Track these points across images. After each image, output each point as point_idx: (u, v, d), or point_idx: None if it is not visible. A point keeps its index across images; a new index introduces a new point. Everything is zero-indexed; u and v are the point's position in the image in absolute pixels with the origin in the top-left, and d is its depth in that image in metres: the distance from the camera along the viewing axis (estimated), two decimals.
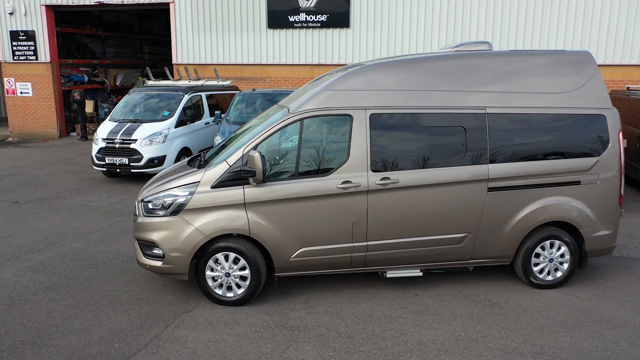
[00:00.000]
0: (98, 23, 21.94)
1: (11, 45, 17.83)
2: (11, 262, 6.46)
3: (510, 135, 5.47)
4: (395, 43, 15.14)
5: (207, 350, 4.44)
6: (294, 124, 5.22)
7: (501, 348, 4.53)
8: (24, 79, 18.09)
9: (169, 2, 16.35)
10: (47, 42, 17.62)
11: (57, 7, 17.61)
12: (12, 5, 17.47)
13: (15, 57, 17.92)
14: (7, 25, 17.73)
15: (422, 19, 14.82)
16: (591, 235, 5.73)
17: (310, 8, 15.46)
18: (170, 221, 5.14)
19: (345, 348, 4.50)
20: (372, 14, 15.16)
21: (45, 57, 17.77)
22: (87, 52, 21.04)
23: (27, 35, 17.62)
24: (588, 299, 5.53)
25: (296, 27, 15.65)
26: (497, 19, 14.27)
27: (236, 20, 16.03)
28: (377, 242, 5.36)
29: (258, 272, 5.19)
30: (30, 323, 4.89)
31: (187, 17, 16.30)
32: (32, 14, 17.48)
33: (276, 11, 15.68)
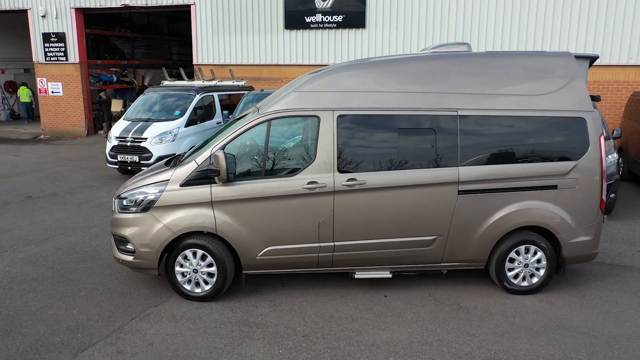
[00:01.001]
0: (127, 25, 22.64)
1: (43, 46, 18.62)
2: (7, 253, 6.81)
3: (483, 137, 5.40)
4: (411, 43, 15.03)
5: (163, 343, 4.59)
6: (262, 124, 5.32)
7: (454, 352, 4.50)
8: (55, 79, 18.86)
9: (190, 3, 16.73)
10: (77, 44, 18.32)
11: (86, 9, 18.29)
12: (45, 9, 18.25)
13: (47, 58, 18.71)
14: (39, 28, 18.53)
15: (437, 19, 14.66)
16: (569, 241, 5.59)
17: (326, 9, 15.52)
18: (140, 217, 5.32)
19: (297, 346, 4.56)
20: (387, 14, 15.09)
21: (75, 58, 18.48)
22: (116, 53, 21.76)
23: (57, 37, 18.37)
24: (562, 306, 5.40)
25: (312, 27, 15.74)
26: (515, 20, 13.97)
27: (254, 22, 16.25)
28: (344, 242, 5.39)
29: (224, 270, 5.31)
30: (7, 311, 5.16)
31: (207, 19, 16.64)
32: (63, 17, 18.21)
33: (293, 12, 15.82)
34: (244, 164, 5.33)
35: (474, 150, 5.39)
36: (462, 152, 5.37)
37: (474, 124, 5.40)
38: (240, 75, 16.02)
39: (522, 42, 14.02)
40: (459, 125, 5.37)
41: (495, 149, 5.41)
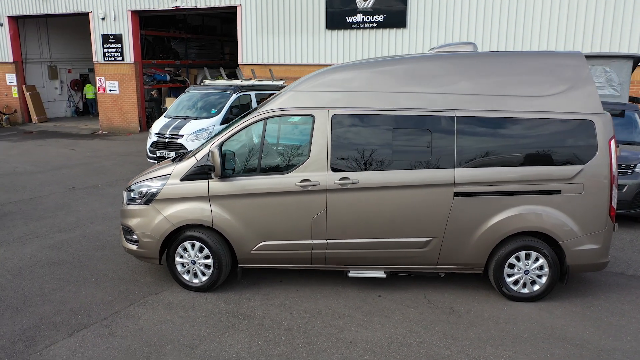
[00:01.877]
0: (182, 26, 23.54)
1: (102, 47, 19.72)
2: (39, 239, 7.35)
3: (482, 139, 5.30)
4: None
5: (152, 329, 4.84)
6: (258, 123, 5.47)
7: (431, 355, 4.46)
8: (112, 78, 19.94)
9: (236, 5, 17.21)
10: (132, 44, 19.27)
11: (141, 12, 19.20)
12: (104, 11, 19.33)
13: (105, 58, 19.81)
14: (99, 30, 19.64)
15: (480, 20, 14.29)
16: (574, 248, 5.38)
17: (367, 8, 15.51)
18: (144, 209, 5.62)
19: (277, 339, 4.68)
20: (429, 14, 14.88)
21: (130, 58, 19.45)
22: (170, 54, 22.68)
23: (115, 38, 19.41)
24: (561, 316, 5.21)
25: (353, 27, 15.77)
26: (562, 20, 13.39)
27: (296, 22, 16.49)
28: (337, 241, 5.45)
29: (220, 262, 5.51)
30: (22, 291, 5.60)
31: (252, 20, 17.05)
32: (120, 19, 19.21)
33: (334, 12, 15.92)
34: (240, 160, 5.50)
35: (472, 152, 5.29)
36: (459, 153, 5.28)
37: (473, 125, 5.30)
38: (282, 75, 16.29)
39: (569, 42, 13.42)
40: (456, 126, 5.29)
41: (495, 151, 5.29)
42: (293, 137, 5.60)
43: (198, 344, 4.57)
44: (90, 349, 4.46)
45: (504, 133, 5.29)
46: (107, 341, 4.60)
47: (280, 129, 5.63)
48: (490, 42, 14.33)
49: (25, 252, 6.81)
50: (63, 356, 4.36)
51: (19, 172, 12.27)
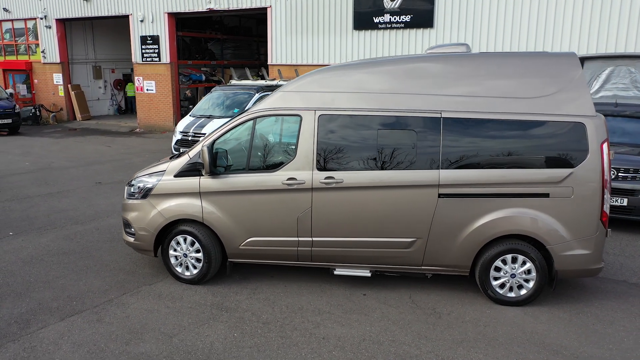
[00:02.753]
0: (218, 27, 24.11)
1: (141, 48, 20.48)
2: (56, 230, 7.79)
3: (468, 140, 5.27)
4: (479, 44, 14.50)
5: (138, 317, 5.09)
6: (248, 122, 5.64)
7: (400, 354, 4.50)
8: (150, 77, 20.67)
9: (266, 6, 17.51)
10: (168, 45, 19.92)
11: (177, 14, 19.82)
12: (143, 14, 20.07)
13: (143, 59, 20.56)
14: (138, 31, 20.41)
15: (509, 20, 13.99)
16: (562, 253, 5.28)
17: (394, 9, 15.46)
18: (140, 203, 5.89)
19: (252, 332, 4.83)
20: (456, 14, 14.69)
21: (166, 58, 20.11)
22: (206, 54, 23.28)
23: (152, 39, 20.11)
24: (546, 321, 5.13)
25: (380, 28, 15.77)
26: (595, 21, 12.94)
27: (324, 23, 16.62)
28: (322, 239, 5.55)
29: (209, 256, 5.72)
30: (28, 277, 5.99)
31: (282, 21, 17.30)
32: (157, 21, 19.89)
33: (362, 13, 15.95)
34: (230, 158, 5.69)
35: (458, 153, 5.28)
36: (445, 154, 5.28)
37: (459, 126, 5.29)
38: None
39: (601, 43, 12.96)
40: (442, 128, 5.29)
41: (481, 152, 5.26)
42: (281, 137, 5.74)
43: (177, 333, 4.78)
44: (77, 334, 4.75)
45: (490, 135, 5.25)
46: (93, 327, 4.88)
47: (269, 129, 5.78)
48: (519, 42, 14.02)
49: (41, 241, 7.25)
50: (50, 338, 4.66)
51: (54, 167, 12.96)
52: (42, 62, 23.60)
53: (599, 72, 9.73)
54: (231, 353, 4.48)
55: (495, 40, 14.29)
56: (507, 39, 14.14)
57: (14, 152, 15.36)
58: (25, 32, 24.02)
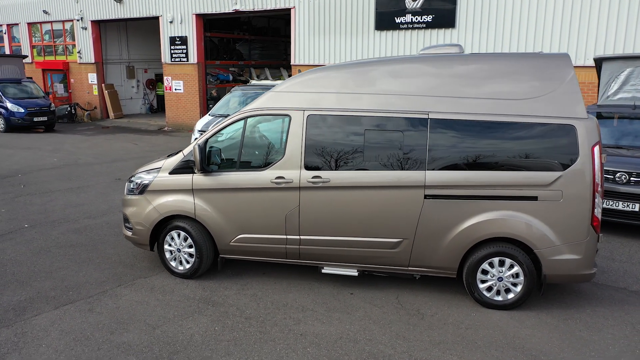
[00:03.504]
0: (246, 28, 24.45)
1: (170, 48, 21.00)
2: (68, 223, 8.13)
3: (455, 142, 5.24)
4: (502, 45, 14.25)
5: (128, 308, 5.29)
6: (239, 121, 5.77)
7: (373, 353, 4.53)
8: (178, 77, 21.16)
9: (290, 7, 17.68)
10: (196, 46, 20.35)
11: (205, 15, 20.23)
12: (172, 15, 20.57)
13: (172, 59, 21.07)
14: (167, 32, 20.92)
15: (532, 21, 13.69)
16: (550, 257, 5.19)
17: (416, 9, 15.36)
18: (137, 199, 6.10)
19: (233, 326, 4.95)
20: (479, 13, 14.48)
21: (194, 58, 20.54)
22: (234, 54, 23.66)
23: (181, 40, 20.59)
24: (531, 326, 5.05)
25: (402, 28, 15.69)
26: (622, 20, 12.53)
27: (346, 23, 16.66)
28: (310, 237, 5.62)
29: (201, 251, 5.87)
30: (34, 267, 6.29)
31: (305, 21, 17.44)
32: (186, 22, 20.35)
33: (383, 13, 15.92)
34: (222, 156, 5.82)
35: (445, 154, 5.26)
36: (431, 155, 5.27)
37: (446, 127, 5.27)
38: None
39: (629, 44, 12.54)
40: (429, 128, 5.28)
41: (468, 154, 5.22)
42: (271, 136, 5.84)
43: (160, 325, 4.95)
44: (67, 322, 4.98)
45: (478, 136, 5.21)
46: (84, 316, 5.10)
47: (259, 128, 5.89)
48: (543, 42, 13.71)
49: (52, 234, 7.59)
50: (42, 325, 4.90)
51: (79, 163, 13.46)
52: (78, 62, 24.48)
53: (618, 73, 9.44)
54: (208, 345, 4.60)
55: (519, 41, 14.01)
56: (530, 39, 13.85)
57: (46, 148, 16.01)
58: (63, 34, 24.98)
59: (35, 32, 26.08)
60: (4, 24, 27.03)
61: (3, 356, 4.37)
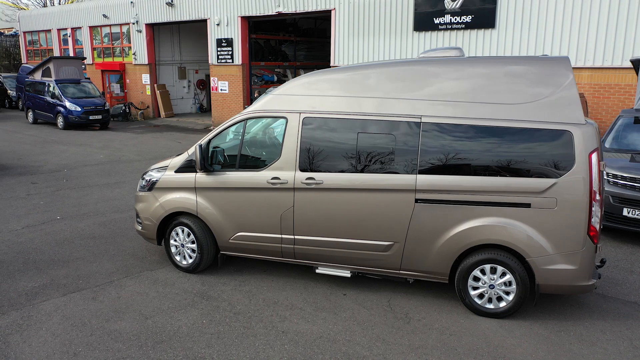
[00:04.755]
0: (292, 30, 24.80)
1: (216, 50, 21.66)
2: (97, 216, 8.63)
3: (447, 146, 5.20)
4: (544, 45, 13.76)
5: (128, 298, 5.60)
6: (239, 123, 5.96)
7: (348, 353, 4.59)
8: (223, 78, 21.79)
9: (330, 9, 17.82)
10: (241, 47, 20.88)
11: (250, 17, 20.72)
12: (219, 18, 21.20)
13: (218, 60, 21.71)
14: (214, 34, 21.59)
15: (576, 20, 13.14)
16: (544, 267, 5.06)
17: (455, 9, 15.10)
18: (146, 195, 6.43)
19: (220, 320, 5.14)
20: (519, 13, 14.05)
21: (239, 60, 21.08)
22: (279, 56, 24.06)
23: (227, 42, 21.18)
24: (520, 336, 4.94)
25: (440, 29, 15.47)
26: None
27: (385, 24, 16.60)
28: (304, 237, 5.73)
29: (202, 247, 6.11)
30: (54, 256, 6.76)
31: (345, 23, 17.52)
32: (232, 24, 20.92)
33: (422, 14, 15.75)
34: (223, 156, 6.03)
35: (436, 158, 5.23)
36: (422, 159, 5.25)
37: (438, 131, 5.24)
38: None
39: None
40: (421, 132, 5.27)
41: (460, 159, 5.17)
42: (269, 137, 5.99)
43: (153, 315, 5.21)
44: (70, 308, 5.34)
45: (470, 141, 5.14)
46: (86, 303, 5.45)
47: (258, 129, 6.05)
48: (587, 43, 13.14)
49: (79, 226, 8.09)
50: (47, 310, 5.29)
51: (122, 160, 14.18)
52: (133, 63, 25.68)
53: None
54: (192, 337, 4.82)
55: (561, 41, 13.49)
56: (574, 40, 13.30)
57: (96, 145, 16.95)
58: (120, 36, 26.27)
59: (96, 35, 27.57)
60: (69, 28, 28.75)
61: (6, 337, 4.76)
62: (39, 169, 12.63)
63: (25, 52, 32.86)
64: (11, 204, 9.38)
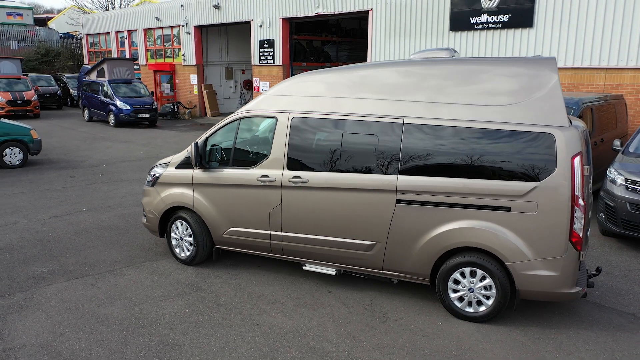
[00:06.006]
0: (334, 30, 24.96)
1: (259, 51, 22.14)
2: (119, 209, 9.13)
3: (429, 148, 5.20)
4: (584, 46, 13.20)
5: (124, 286, 5.94)
6: (234, 122, 6.18)
7: (315, 348, 4.69)
8: (265, 78, 22.24)
9: (367, 9, 17.84)
10: (282, 48, 21.25)
11: (290, 19, 21.05)
12: (262, 19, 21.68)
13: (261, 61, 22.19)
14: (257, 36, 22.08)
15: (619, 18, 12.52)
16: (523, 272, 4.96)
17: (492, 8, 14.75)
18: (150, 190, 6.78)
19: (202, 311, 5.37)
20: (559, 11, 13.54)
21: (280, 60, 21.46)
22: (321, 56, 24.27)
23: (268, 43, 21.62)
24: (495, 341, 4.88)
25: (477, 29, 15.15)
26: None
27: (422, 24, 16.44)
28: (291, 234, 5.87)
29: (198, 241, 6.38)
30: (69, 244, 7.24)
31: (382, 23, 17.49)
32: (273, 26, 21.33)
33: (458, 13, 15.48)
34: (218, 154, 6.28)
35: (417, 159, 5.23)
36: (404, 160, 5.27)
37: (420, 133, 5.24)
38: None
39: None
40: (403, 133, 5.29)
41: (441, 160, 5.15)
42: (260, 136, 6.17)
43: (141, 302, 5.51)
44: (70, 292, 5.74)
45: (451, 142, 5.11)
46: (85, 289, 5.84)
47: (251, 129, 6.24)
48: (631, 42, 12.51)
49: (100, 217, 8.60)
50: (49, 293, 5.71)
51: (160, 157, 14.81)
52: (182, 64, 26.67)
53: None
54: (172, 325, 5.07)
55: (602, 40, 12.90)
56: (616, 39, 12.70)
57: (140, 142, 17.78)
58: (171, 38, 27.35)
59: (149, 37, 28.82)
60: (126, 30, 30.21)
61: (5, 315, 5.20)
62: (80, 164, 13.44)
63: (87, 53, 34.83)
64: (46, 195, 10.08)
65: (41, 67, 35.00)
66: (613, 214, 7.56)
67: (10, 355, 4.50)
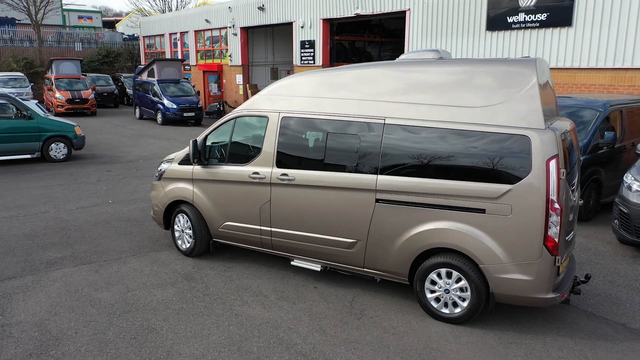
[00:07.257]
0: (377, 31, 24.92)
1: (300, 51, 22.48)
2: (141, 202, 9.64)
3: (408, 148, 5.25)
4: (625, 46, 12.61)
5: (123, 273, 6.33)
6: (230, 121, 6.44)
7: (283, 340, 4.85)
8: None
9: (405, 9, 17.75)
10: (322, 49, 21.49)
11: (331, 19, 21.25)
12: (303, 21, 22.01)
13: (301, 62, 22.52)
14: (298, 37, 22.43)
15: None
16: (496, 275, 4.93)
17: (530, 7, 14.33)
18: (157, 184, 7.17)
19: (188, 299, 5.65)
20: (599, 10, 13.00)
21: (319, 61, 21.71)
22: (363, 56, 24.31)
23: (309, 43, 21.91)
24: (465, 343, 4.87)
25: (514, 28, 14.77)
26: None
27: (458, 24, 16.20)
28: (279, 230, 6.07)
29: (196, 234, 6.69)
30: (86, 233, 7.75)
31: (418, 23, 17.36)
32: (314, 27, 21.60)
33: (495, 12, 15.14)
34: (216, 151, 6.56)
35: (396, 159, 5.29)
36: (384, 160, 5.35)
37: (399, 133, 5.29)
38: None
39: None
40: (384, 134, 5.36)
41: (419, 161, 5.19)
42: (254, 135, 6.39)
43: (135, 289, 5.87)
44: (74, 277, 6.19)
45: (429, 143, 5.14)
46: (88, 275, 6.27)
47: (246, 127, 6.47)
48: None
49: (122, 209, 9.13)
50: (55, 277, 6.18)
51: None
52: (229, 64, 27.46)
53: None
54: (157, 311, 5.38)
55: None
56: None
57: (181, 139, 18.51)
58: (219, 39, 28.22)
59: (200, 39, 29.85)
60: (178, 32, 31.42)
61: (12, 295, 5.69)
62: (119, 159, 14.21)
63: (144, 54, 36.46)
64: (80, 187, 10.77)
65: (102, 68, 36.97)
66: (627, 221, 7.26)
67: (5, 330, 4.95)
